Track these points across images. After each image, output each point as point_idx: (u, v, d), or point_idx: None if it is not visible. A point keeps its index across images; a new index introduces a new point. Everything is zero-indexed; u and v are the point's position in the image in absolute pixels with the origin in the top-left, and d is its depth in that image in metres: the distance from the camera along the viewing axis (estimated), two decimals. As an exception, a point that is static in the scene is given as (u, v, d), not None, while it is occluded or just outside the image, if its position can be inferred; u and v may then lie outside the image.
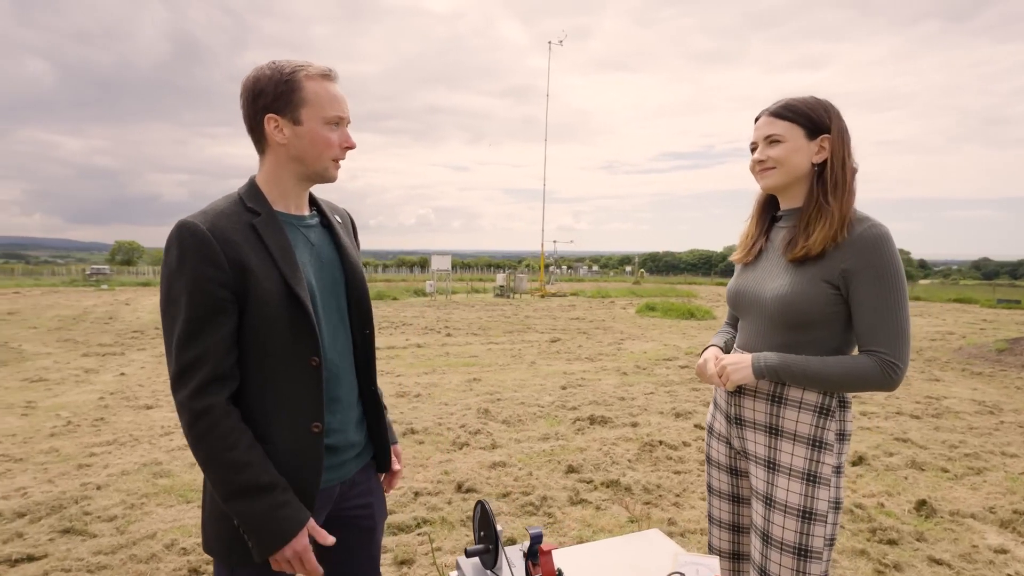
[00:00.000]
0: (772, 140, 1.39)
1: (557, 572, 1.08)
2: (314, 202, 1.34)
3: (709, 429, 1.63)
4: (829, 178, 1.35)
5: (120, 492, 3.38)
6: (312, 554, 1.13)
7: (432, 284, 23.19)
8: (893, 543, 2.82)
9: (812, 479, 1.33)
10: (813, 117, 1.36)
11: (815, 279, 1.32)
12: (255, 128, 1.19)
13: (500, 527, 1.17)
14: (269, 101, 1.15)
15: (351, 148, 1.25)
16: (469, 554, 1.17)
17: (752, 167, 1.46)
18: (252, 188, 1.21)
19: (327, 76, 1.20)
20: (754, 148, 1.45)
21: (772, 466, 1.38)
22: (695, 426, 4.80)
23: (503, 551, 1.16)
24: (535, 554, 1.11)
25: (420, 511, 3.12)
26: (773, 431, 1.39)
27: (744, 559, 1.57)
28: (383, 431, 1.39)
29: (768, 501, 1.38)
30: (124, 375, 6.93)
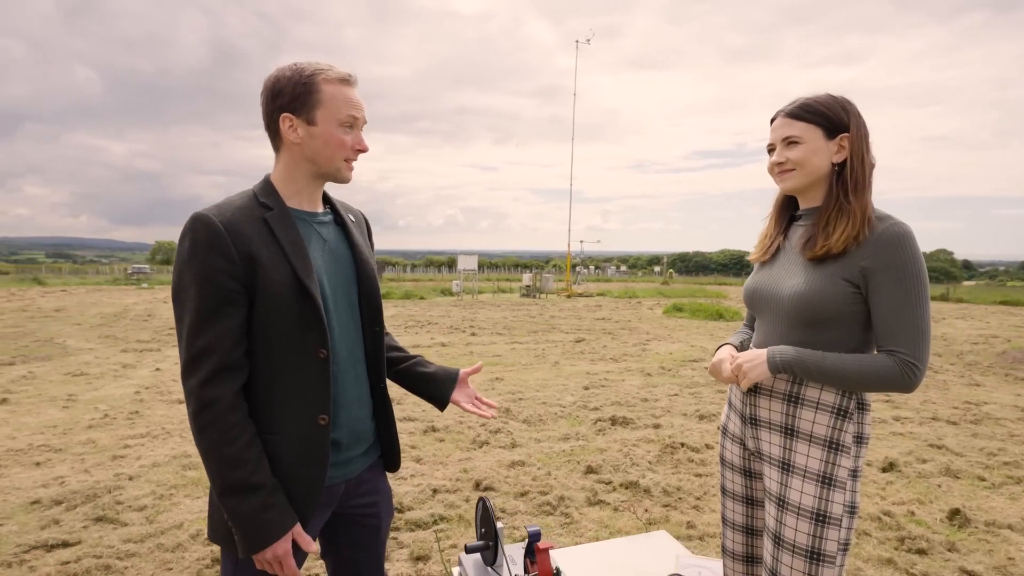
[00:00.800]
0: (790, 142, 1.36)
1: (555, 570, 1.07)
2: (328, 200, 1.36)
3: (723, 430, 1.61)
4: (849, 177, 1.32)
5: (151, 483, 3.50)
6: (291, 560, 1.13)
7: (459, 284, 23.33)
8: (922, 553, 2.73)
9: (827, 482, 1.30)
10: (831, 116, 1.33)
11: (834, 277, 1.29)
12: (271, 126, 1.21)
13: (501, 524, 1.17)
14: (286, 101, 1.17)
15: (363, 151, 1.26)
16: (468, 550, 1.18)
17: (771, 169, 1.43)
18: (266, 185, 1.23)
19: (346, 80, 1.21)
20: (771, 149, 1.42)
21: (786, 467, 1.35)
22: (719, 428, 4.72)
23: (502, 548, 1.16)
24: (533, 552, 1.10)
25: (438, 508, 3.15)
26: (788, 432, 1.36)
27: (757, 562, 1.54)
28: (392, 430, 1.40)
29: (781, 503, 1.35)
30: (159, 370, 7.17)
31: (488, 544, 1.18)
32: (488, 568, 1.19)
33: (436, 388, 1.50)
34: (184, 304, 1.11)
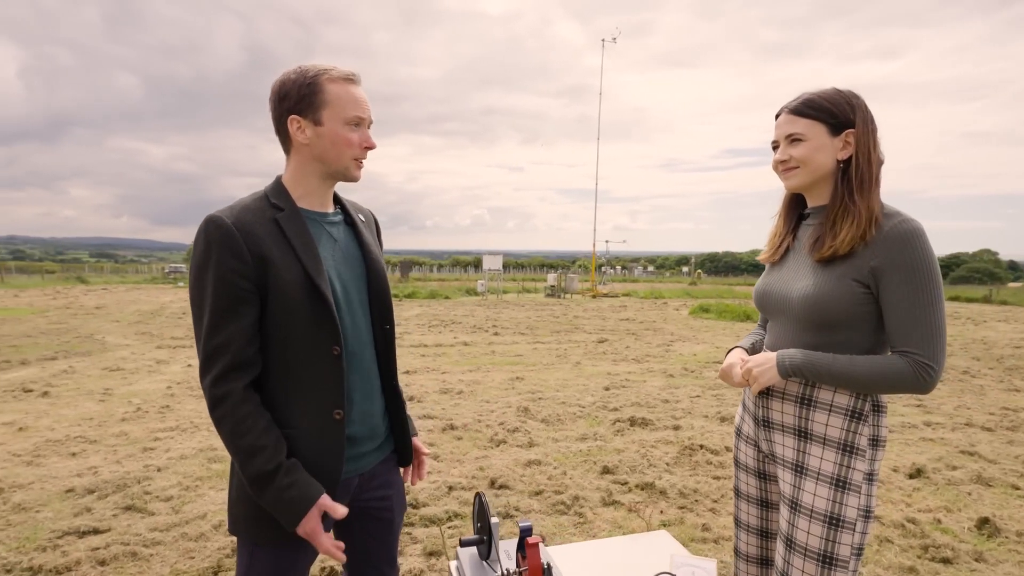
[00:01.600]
0: (794, 139, 1.34)
1: (546, 566, 1.08)
2: (338, 201, 1.39)
3: (737, 431, 1.59)
4: (855, 175, 1.29)
5: (178, 474, 3.62)
6: (321, 535, 1.16)
7: (483, 284, 23.42)
8: (947, 562, 2.64)
9: (841, 485, 1.27)
10: (836, 112, 1.30)
11: (843, 278, 1.27)
12: (280, 129, 1.24)
13: (496, 520, 1.18)
14: (292, 103, 1.20)
15: (371, 148, 1.28)
16: (464, 544, 1.20)
17: (775, 166, 1.41)
18: (277, 186, 1.26)
19: (350, 79, 1.23)
20: (776, 146, 1.40)
21: (799, 470, 1.34)
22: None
23: (496, 543, 1.17)
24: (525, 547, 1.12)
25: (452, 505, 3.18)
26: (802, 434, 1.35)
27: (771, 565, 1.53)
28: (405, 425, 1.43)
29: (794, 505, 1.33)
30: (191, 366, 7.39)
31: (483, 539, 1.20)
32: (483, 562, 1.21)
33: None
34: (200, 304, 1.15)
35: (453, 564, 1.30)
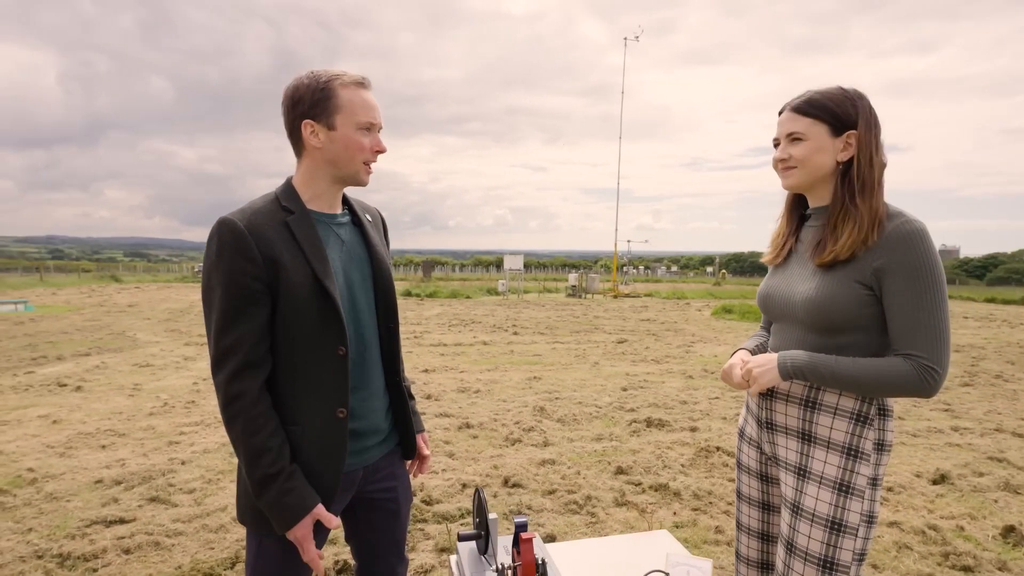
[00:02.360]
0: (794, 137, 1.32)
1: (540, 561, 1.10)
2: (346, 201, 1.42)
3: (740, 433, 1.58)
4: (856, 178, 1.27)
5: (200, 468, 3.73)
6: (309, 543, 1.18)
7: (504, 283, 23.47)
8: (968, 570, 2.57)
9: (844, 489, 1.26)
10: (838, 112, 1.28)
11: (846, 280, 1.25)
12: (293, 133, 1.27)
13: (494, 516, 1.20)
14: (306, 108, 1.23)
15: (381, 152, 1.31)
16: (461, 538, 1.22)
17: (774, 164, 1.40)
18: (288, 188, 1.30)
19: (361, 84, 1.26)
20: (777, 143, 1.40)
21: (802, 473, 1.33)
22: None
23: (494, 538, 1.19)
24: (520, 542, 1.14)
25: (465, 502, 3.21)
26: (805, 437, 1.33)
27: (772, 569, 1.51)
28: (408, 420, 1.46)
29: (795, 509, 1.32)
30: (217, 363, 7.59)
31: (480, 533, 1.22)
32: (481, 557, 1.23)
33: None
34: (212, 304, 1.18)
35: (453, 559, 1.32)
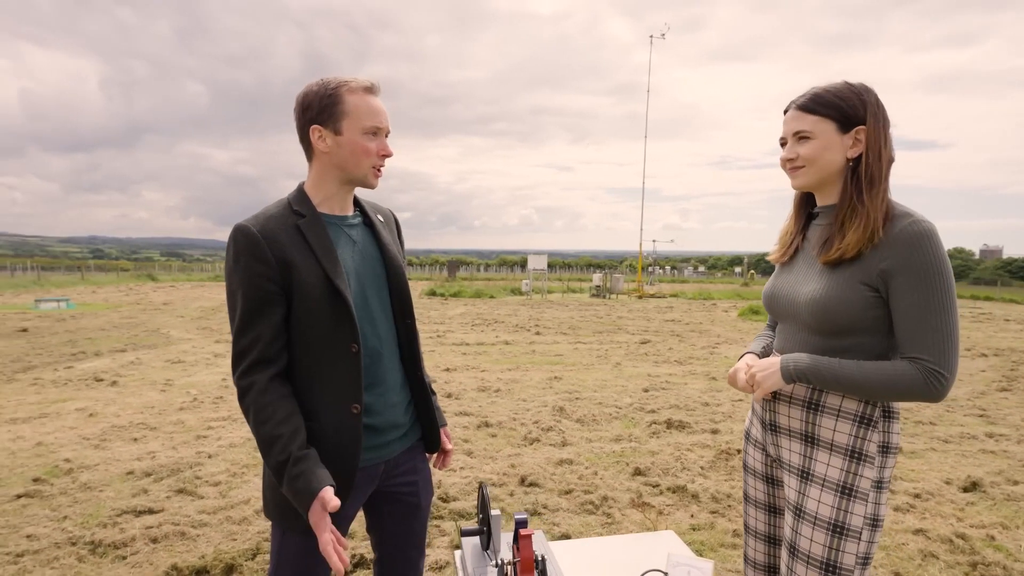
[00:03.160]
0: (801, 136, 1.30)
1: (540, 558, 1.11)
2: (358, 203, 1.46)
3: (746, 435, 1.57)
4: (864, 174, 1.24)
5: (226, 461, 3.84)
6: (324, 530, 1.14)
7: (528, 283, 23.48)
8: (997, 581, 2.49)
9: (847, 492, 1.24)
10: (845, 109, 1.26)
11: (852, 281, 1.23)
12: (303, 138, 1.31)
13: (497, 512, 1.22)
14: (315, 114, 1.27)
15: (388, 156, 1.35)
16: (464, 533, 1.24)
17: (782, 164, 1.39)
18: (300, 193, 1.34)
19: (369, 90, 1.29)
20: (784, 143, 1.38)
21: (805, 476, 1.31)
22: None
23: (497, 534, 1.21)
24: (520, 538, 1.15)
25: (481, 500, 3.24)
26: (809, 439, 1.32)
27: (779, 573, 1.50)
28: (431, 414, 1.49)
29: (798, 512, 1.31)
30: (245, 360, 7.78)
31: (483, 529, 1.24)
32: (484, 552, 1.25)
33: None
34: (233, 306, 1.24)
35: (458, 553, 1.34)
